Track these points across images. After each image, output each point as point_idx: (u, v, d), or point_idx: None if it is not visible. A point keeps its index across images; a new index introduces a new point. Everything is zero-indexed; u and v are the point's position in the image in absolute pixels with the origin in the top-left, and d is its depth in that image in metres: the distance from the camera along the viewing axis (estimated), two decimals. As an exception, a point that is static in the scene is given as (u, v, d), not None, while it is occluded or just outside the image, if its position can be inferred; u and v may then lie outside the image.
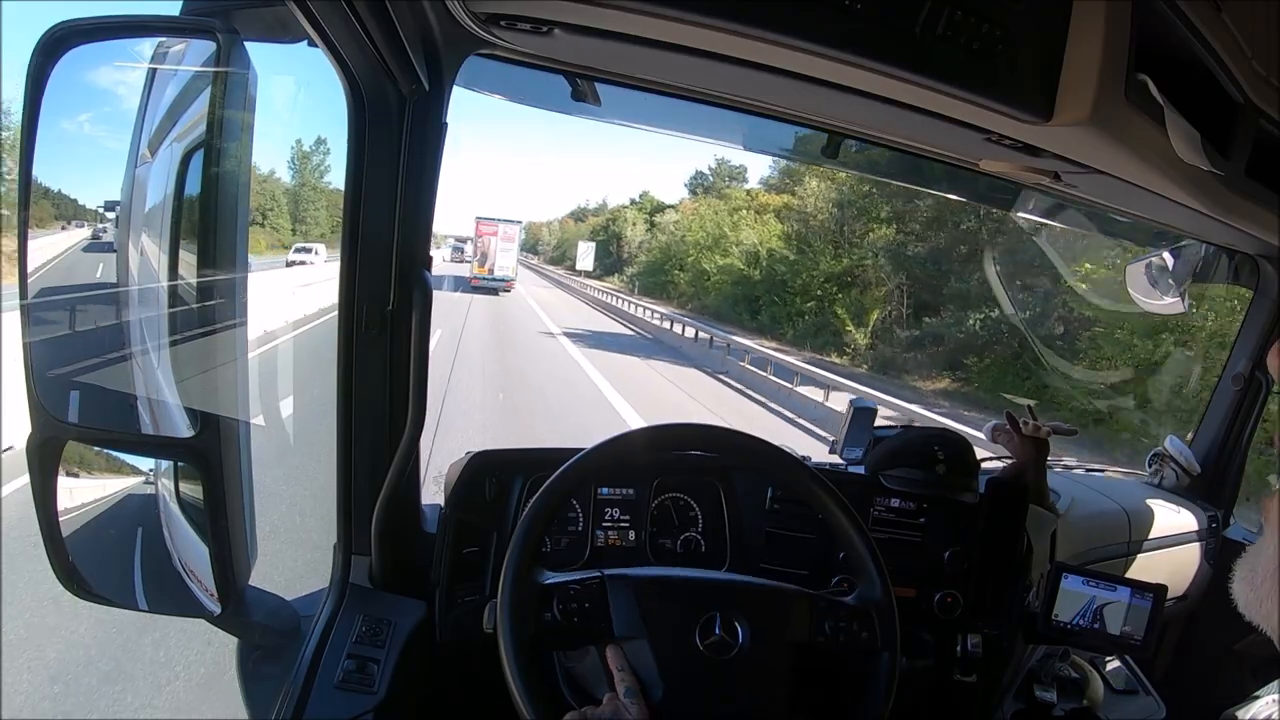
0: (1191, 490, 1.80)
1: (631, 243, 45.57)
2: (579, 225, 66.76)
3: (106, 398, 0.82)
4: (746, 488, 1.24)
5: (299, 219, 31.94)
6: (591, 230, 57.52)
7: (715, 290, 28.87)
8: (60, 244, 1.02)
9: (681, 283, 33.91)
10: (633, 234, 47.18)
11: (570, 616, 0.82)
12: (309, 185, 31.15)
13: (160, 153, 0.78)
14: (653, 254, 40.07)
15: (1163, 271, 1.73)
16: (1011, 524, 1.27)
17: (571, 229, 68.20)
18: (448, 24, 0.83)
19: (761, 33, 0.68)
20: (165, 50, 0.78)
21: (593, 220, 63.54)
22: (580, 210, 74.93)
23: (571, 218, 74.22)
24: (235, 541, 0.80)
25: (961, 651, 1.23)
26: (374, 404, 1.00)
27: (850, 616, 0.88)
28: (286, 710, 0.90)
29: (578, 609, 0.82)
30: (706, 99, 1.05)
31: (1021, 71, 0.75)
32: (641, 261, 42.31)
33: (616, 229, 49.43)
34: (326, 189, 32.58)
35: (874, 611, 0.89)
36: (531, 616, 0.80)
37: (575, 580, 0.84)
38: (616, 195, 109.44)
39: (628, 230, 47.84)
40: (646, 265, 40.72)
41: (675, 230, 38.46)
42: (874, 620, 0.88)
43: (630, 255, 45.16)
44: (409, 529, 1.10)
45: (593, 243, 42.55)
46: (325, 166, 32.13)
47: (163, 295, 0.80)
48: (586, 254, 41.40)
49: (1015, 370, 14.09)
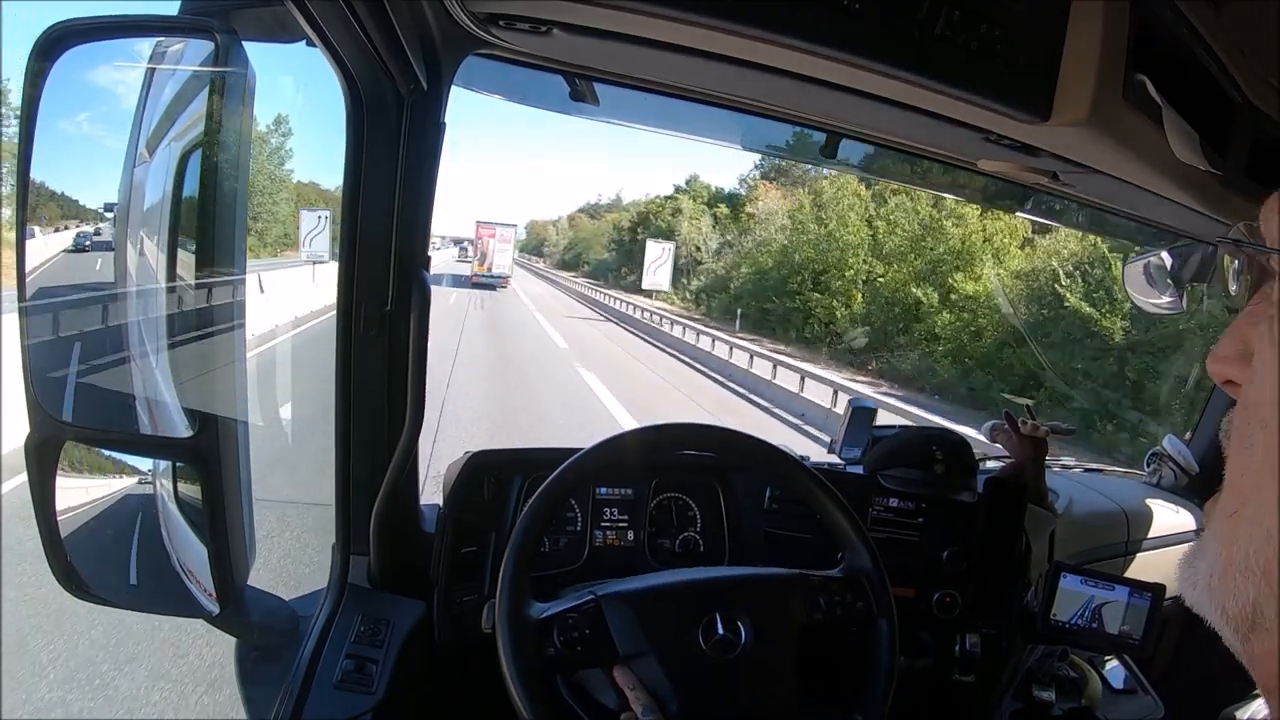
0: (1190, 490, 1.80)
1: (691, 243, 31.19)
2: (595, 222, 57.03)
3: (105, 398, 0.82)
4: (745, 487, 1.24)
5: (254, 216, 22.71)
6: (615, 227, 47.34)
7: (971, 354, 14.49)
8: (64, 242, 1.02)
9: (840, 317, 18.84)
10: (691, 231, 32.01)
11: (573, 647, 0.82)
12: (264, 174, 22.62)
13: (158, 153, 0.78)
14: (750, 261, 25.45)
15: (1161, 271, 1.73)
16: (1010, 524, 1.27)
17: (587, 226, 58.14)
18: (446, 24, 0.83)
19: (760, 33, 0.68)
20: (163, 50, 0.78)
21: (613, 216, 52.41)
22: (593, 206, 63.80)
23: (584, 213, 63.09)
24: (234, 542, 0.80)
25: (960, 651, 1.23)
26: (372, 404, 1.00)
27: (842, 588, 0.90)
28: (285, 710, 0.90)
29: (579, 638, 0.82)
30: (706, 99, 1.05)
31: (1020, 71, 0.75)
32: (714, 272, 29.22)
33: (664, 223, 34.80)
34: (288, 180, 25.11)
35: (864, 580, 0.90)
36: (534, 653, 0.80)
37: (571, 608, 0.84)
38: (631, 190, 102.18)
39: (684, 225, 32.54)
40: (731, 279, 26.61)
41: (797, 224, 23.29)
42: (866, 588, 0.90)
43: (691, 262, 30.80)
44: (408, 529, 1.10)
45: (668, 244, 26.83)
46: (286, 151, 24.14)
47: (161, 295, 0.80)
48: (662, 262, 25.11)
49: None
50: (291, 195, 25.00)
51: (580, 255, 55.16)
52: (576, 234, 59.45)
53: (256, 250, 21.94)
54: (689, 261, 30.69)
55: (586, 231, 56.99)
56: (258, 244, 22.58)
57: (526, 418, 7.73)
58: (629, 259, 39.24)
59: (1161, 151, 0.82)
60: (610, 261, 45.98)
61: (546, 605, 0.84)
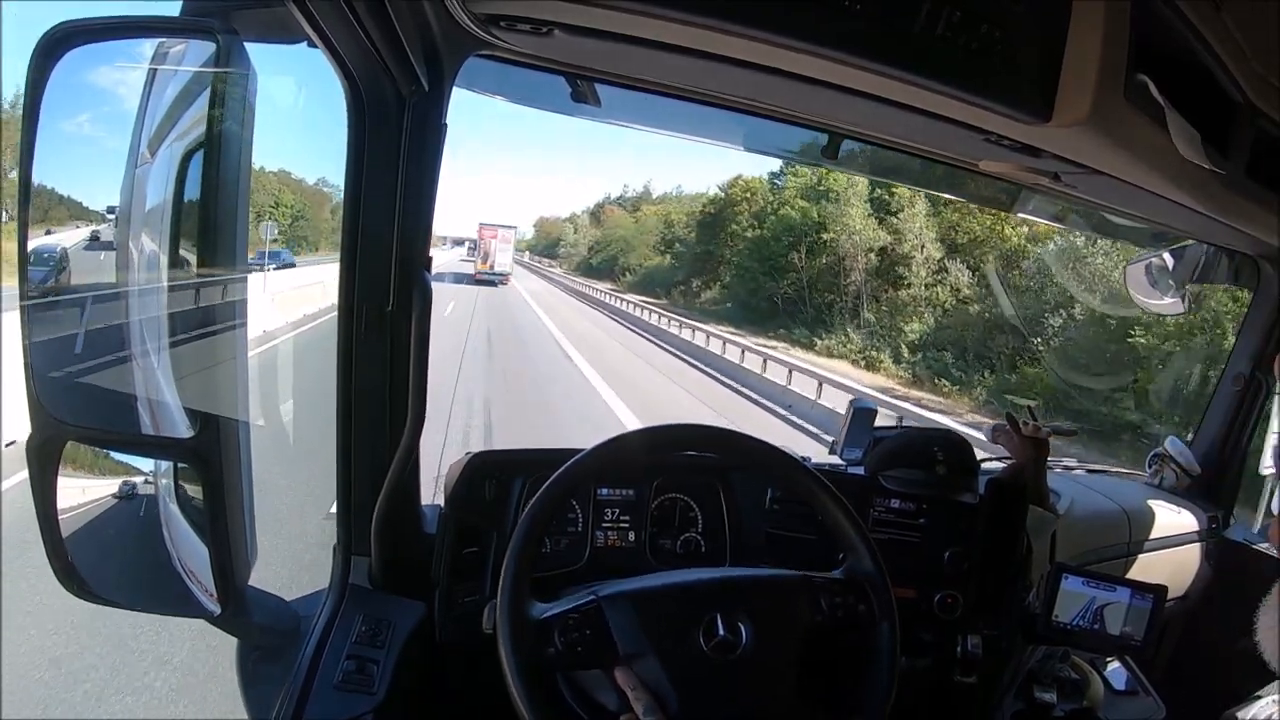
0: (1191, 491, 1.80)
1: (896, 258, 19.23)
2: (635, 215, 44.14)
3: (106, 398, 0.82)
4: (746, 488, 1.24)
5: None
6: (666, 222, 36.82)
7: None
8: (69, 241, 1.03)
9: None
10: (871, 232, 20.13)
11: (573, 647, 0.81)
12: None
13: (160, 153, 0.78)
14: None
15: (1162, 272, 1.73)
16: (1011, 524, 1.27)
17: (622, 222, 44.60)
18: (447, 24, 0.83)
19: (761, 33, 0.68)
20: (165, 51, 0.78)
21: (651, 209, 41.11)
22: (628, 198, 49.54)
23: (620, 206, 49.10)
24: (235, 542, 0.80)
25: (961, 652, 1.23)
26: (374, 404, 1.00)
27: (844, 590, 0.89)
28: (286, 711, 0.90)
29: (579, 638, 0.82)
30: (706, 99, 1.05)
31: (1021, 72, 0.75)
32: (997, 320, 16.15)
33: (780, 216, 23.26)
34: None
35: (866, 583, 0.90)
36: (534, 652, 0.80)
37: (572, 609, 0.83)
38: (661, 182, 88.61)
39: (850, 221, 20.45)
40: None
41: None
42: (868, 591, 0.89)
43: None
44: (409, 529, 1.10)
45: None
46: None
47: (162, 295, 0.80)
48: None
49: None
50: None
51: (616, 259, 41.39)
52: (606, 232, 46.76)
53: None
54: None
55: (625, 228, 43.52)
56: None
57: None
58: (703, 267, 28.36)
59: (1163, 152, 0.82)
60: (668, 270, 33.40)
61: (547, 605, 0.84)
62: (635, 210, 46.62)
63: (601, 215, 50.61)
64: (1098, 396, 11.76)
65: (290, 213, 22.37)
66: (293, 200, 23.51)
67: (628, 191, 52.46)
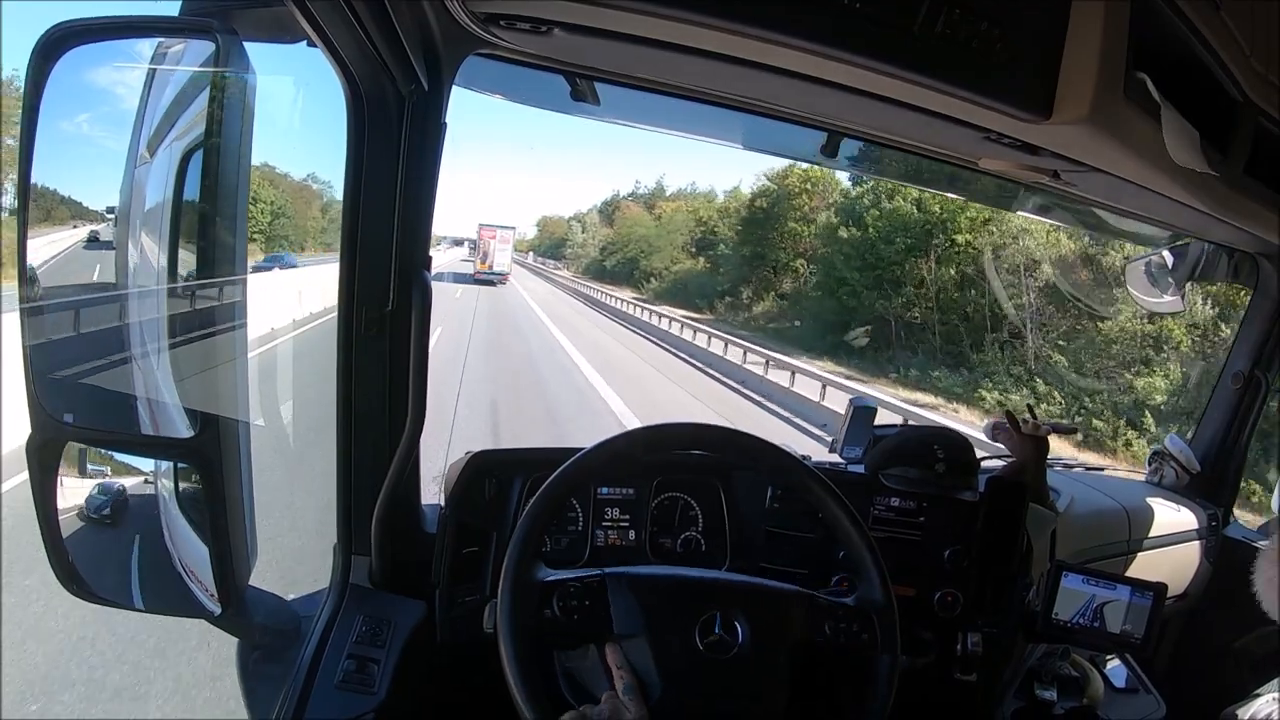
0: (1191, 489, 1.80)
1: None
2: (654, 212, 38.64)
3: (106, 398, 0.82)
4: (747, 487, 1.24)
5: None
6: (700, 221, 32.14)
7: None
8: (67, 240, 1.03)
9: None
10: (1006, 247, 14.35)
11: (570, 614, 0.82)
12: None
13: (159, 153, 0.78)
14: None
15: (1162, 270, 1.73)
16: (1011, 522, 1.27)
17: (640, 220, 38.75)
18: (447, 24, 0.83)
19: (761, 32, 0.68)
20: (164, 50, 0.78)
21: (670, 205, 36.18)
22: (641, 194, 43.43)
23: (637, 202, 42.73)
24: (235, 542, 0.80)
25: (962, 650, 1.23)
26: (374, 404, 1.00)
27: (850, 617, 0.88)
28: (287, 710, 0.90)
29: (578, 606, 0.82)
30: (706, 98, 1.05)
31: (1020, 70, 0.75)
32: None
33: (889, 212, 17.77)
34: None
35: (874, 613, 0.88)
36: (532, 613, 0.80)
37: (575, 578, 0.84)
38: (676, 177, 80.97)
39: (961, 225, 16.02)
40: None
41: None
42: (874, 622, 0.88)
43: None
44: (409, 529, 1.10)
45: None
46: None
47: (162, 296, 0.80)
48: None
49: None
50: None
51: (636, 262, 35.85)
52: (621, 230, 40.63)
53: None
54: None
55: (644, 227, 37.75)
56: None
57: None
58: (751, 273, 22.96)
59: (1162, 150, 0.81)
60: (705, 275, 28.23)
61: (553, 571, 0.84)
62: (653, 207, 40.37)
63: (615, 212, 44.04)
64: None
65: (269, 209, 21.21)
66: (272, 196, 22.31)
67: (639, 188, 46.10)
